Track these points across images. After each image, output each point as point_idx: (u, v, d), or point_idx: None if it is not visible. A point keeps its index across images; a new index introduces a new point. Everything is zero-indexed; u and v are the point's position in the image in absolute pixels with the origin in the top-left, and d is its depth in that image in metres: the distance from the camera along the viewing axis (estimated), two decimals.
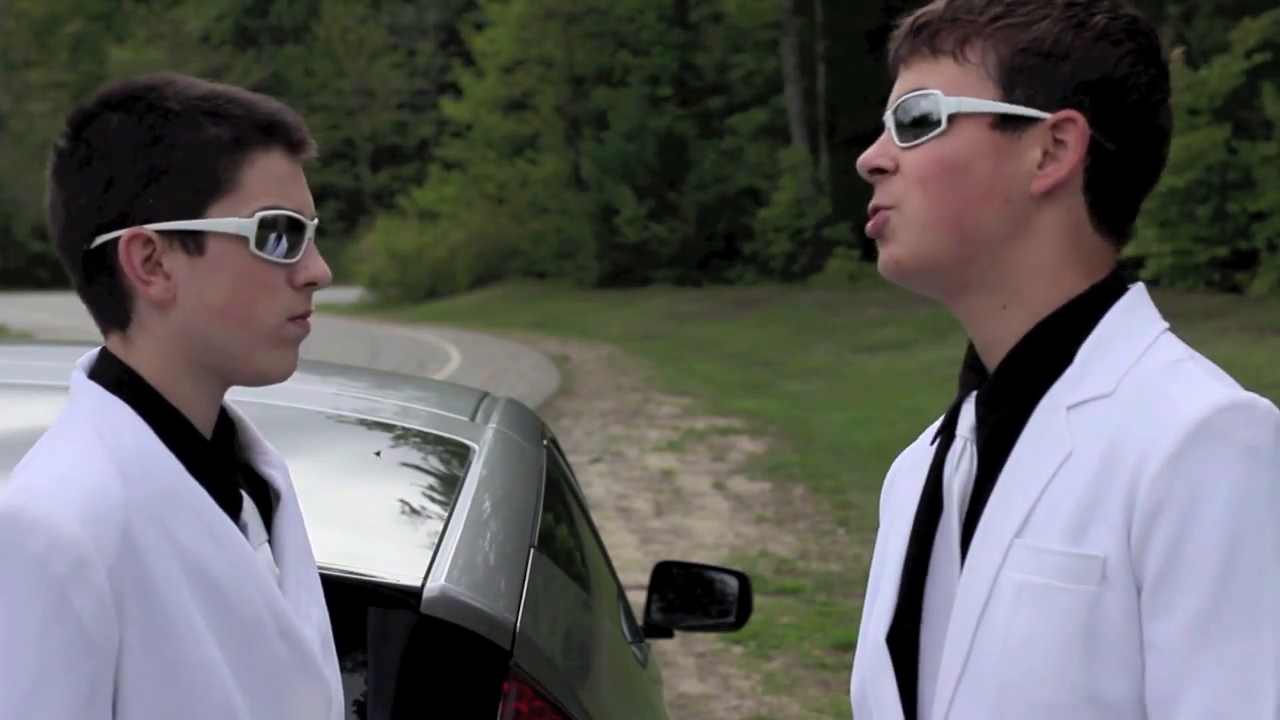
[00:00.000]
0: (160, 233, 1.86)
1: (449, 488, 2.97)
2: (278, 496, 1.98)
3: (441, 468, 3.18)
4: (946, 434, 1.84)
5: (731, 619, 4.00)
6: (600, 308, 35.51)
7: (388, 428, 3.36)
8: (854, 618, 8.88)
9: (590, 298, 37.83)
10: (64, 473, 1.81)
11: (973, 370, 1.84)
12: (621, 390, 21.05)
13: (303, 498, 2.14)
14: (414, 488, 3.12)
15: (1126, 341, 1.75)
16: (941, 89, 1.78)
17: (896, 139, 1.81)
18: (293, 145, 1.91)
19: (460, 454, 3.16)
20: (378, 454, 3.14)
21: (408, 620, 2.40)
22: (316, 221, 1.93)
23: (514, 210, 44.26)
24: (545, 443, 3.65)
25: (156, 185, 1.86)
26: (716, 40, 40.05)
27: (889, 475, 1.97)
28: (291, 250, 1.89)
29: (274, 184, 1.89)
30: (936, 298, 1.84)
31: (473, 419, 3.48)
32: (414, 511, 2.94)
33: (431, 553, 2.58)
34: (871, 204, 1.82)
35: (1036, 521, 1.71)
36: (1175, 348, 1.76)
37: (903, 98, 1.81)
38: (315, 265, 1.92)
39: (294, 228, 1.89)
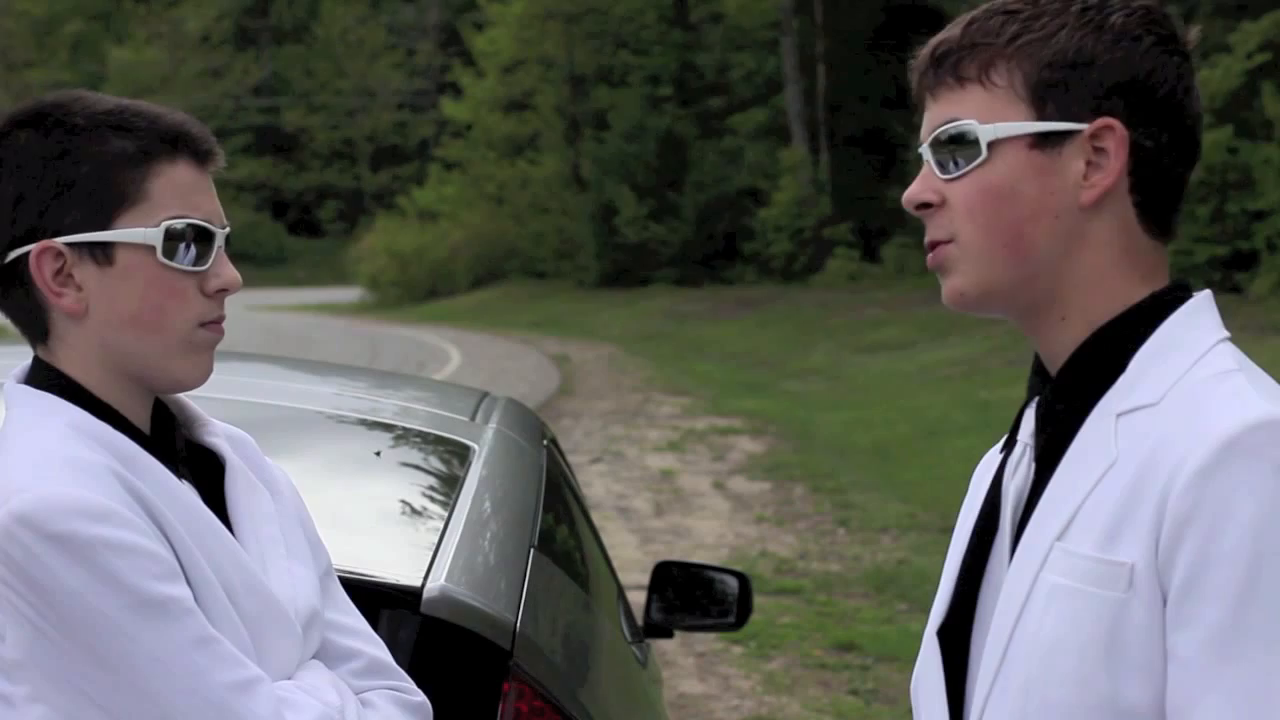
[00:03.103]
0: (70, 245, 1.92)
1: (449, 488, 2.98)
2: (224, 462, 2.04)
3: (441, 468, 3.18)
4: (1011, 438, 1.86)
5: (731, 619, 4.00)
6: (600, 308, 35.48)
7: (388, 428, 3.36)
8: (854, 618, 8.89)
9: (590, 298, 37.81)
10: (35, 460, 1.86)
11: (1038, 375, 1.85)
12: (621, 390, 21.05)
13: (303, 497, 2.15)
14: (414, 488, 3.12)
15: (1180, 351, 1.75)
16: (975, 117, 1.78)
17: (938, 172, 1.80)
18: (199, 156, 1.97)
19: (460, 454, 3.17)
20: (378, 454, 3.14)
21: (408, 620, 2.41)
22: (228, 229, 1.98)
23: (514, 210, 44.22)
24: (545, 443, 3.65)
25: (64, 198, 1.92)
26: (716, 40, 40.01)
27: (976, 471, 1.98)
28: (201, 258, 1.94)
29: (180, 194, 1.94)
30: (1001, 318, 1.86)
31: (473, 419, 3.48)
32: (414, 511, 2.95)
33: (431, 553, 2.58)
34: (927, 239, 1.83)
35: (1077, 526, 1.72)
36: (1228, 359, 1.75)
37: (937, 130, 1.80)
38: (226, 272, 1.97)
39: (203, 236, 1.94)
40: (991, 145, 1.77)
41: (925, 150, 1.82)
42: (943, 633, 1.85)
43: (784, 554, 10.58)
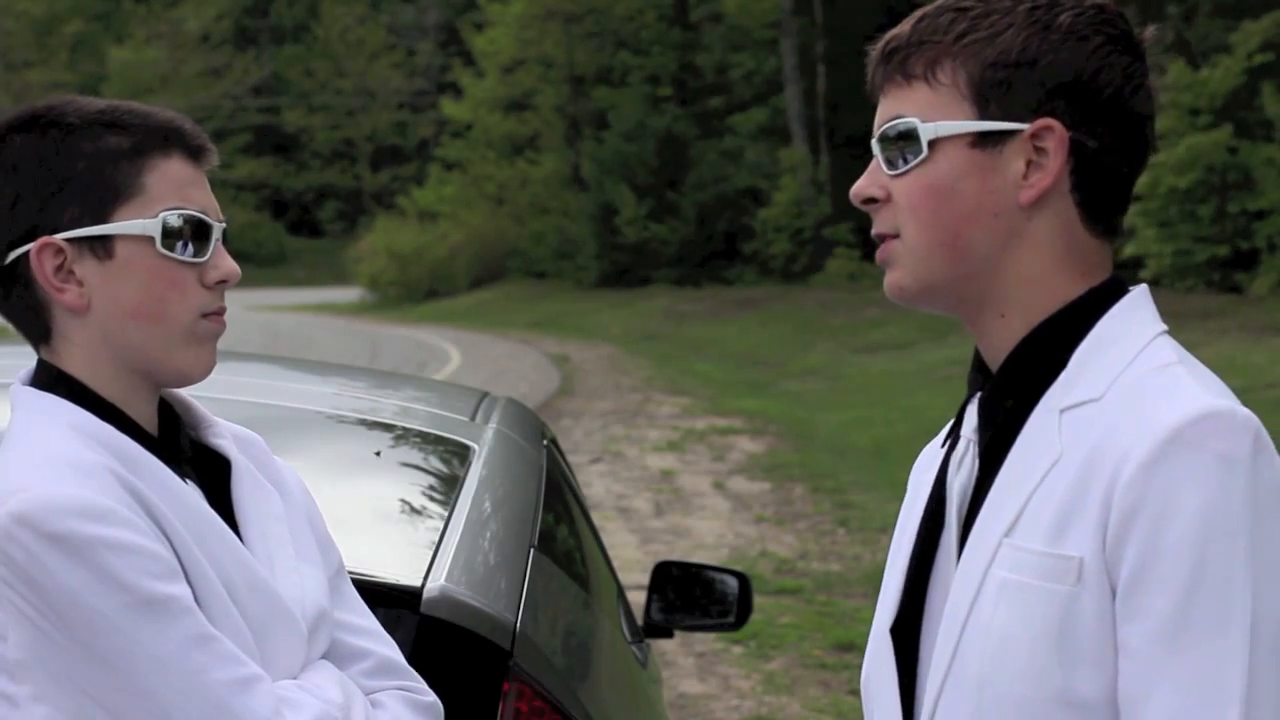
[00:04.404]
0: (69, 241, 1.94)
1: (449, 488, 2.98)
2: (229, 464, 2.05)
3: (441, 468, 3.18)
4: (953, 435, 1.87)
5: (731, 619, 4.00)
6: (600, 308, 35.49)
7: (388, 428, 3.36)
8: (854, 618, 8.88)
9: (590, 298, 37.81)
10: (34, 460, 1.87)
11: (978, 372, 1.86)
12: (621, 390, 21.05)
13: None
14: (414, 488, 3.12)
15: (1120, 345, 1.77)
16: (918, 115, 1.79)
17: (885, 168, 1.82)
18: (193, 152, 1.99)
19: (460, 454, 3.16)
20: (378, 454, 3.14)
21: (408, 620, 2.41)
22: (224, 224, 2.00)
23: (514, 210, 44.24)
24: (545, 443, 3.65)
25: (61, 196, 1.94)
26: (716, 40, 40.02)
27: (914, 468, 2.00)
28: (199, 251, 1.96)
29: (175, 188, 1.96)
30: (942, 314, 1.86)
31: (473, 419, 3.47)
32: (414, 511, 2.95)
33: (431, 553, 2.58)
34: (875, 233, 1.85)
35: (1024, 522, 1.73)
36: (1167, 352, 1.77)
37: (884, 127, 1.82)
38: (225, 264, 1.98)
39: (200, 229, 1.96)
40: (932, 144, 1.79)
41: (875, 145, 1.83)
42: (894, 629, 1.86)
43: (784, 554, 10.58)
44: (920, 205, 1.79)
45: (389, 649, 2.09)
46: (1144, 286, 1.83)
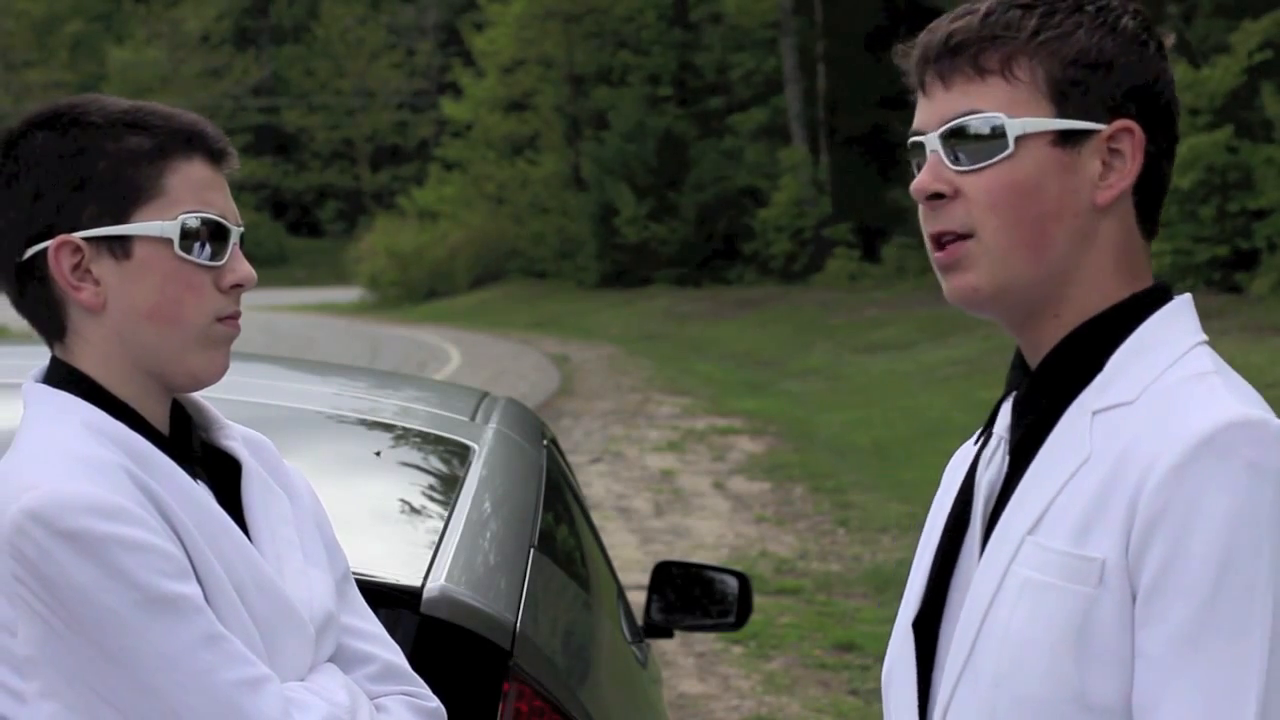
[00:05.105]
0: (88, 240, 1.94)
1: (449, 488, 2.98)
2: (239, 466, 2.05)
3: (441, 468, 3.18)
4: (987, 432, 1.87)
5: (731, 619, 4.00)
6: (600, 308, 35.48)
7: (388, 428, 3.36)
8: (854, 618, 8.89)
9: (590, 298, 37.81)
10: (48, 457, 1.88)
11: (1018, 370, 1.85)
12: (621, 390, 21.04)
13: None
14: (414, 488, 3.12)
15: (1158, 352, 1.77)
16: (1001, 110, 1.77)
17: (949, 162, 1.79)
18: (214, 155, 1.99)
19: (460, 454, 3.16)
20: (378, 454, 3.14)
21: (408, 620, 2.41)
22: (242, 228, 2.00)
23: (514, 210, 44.22)
24: (545, 443, 3.65)
25: (81, 194, 1.94)
26: (716, 40, 40.02)
27: (949, 465, 1.98)
28: (217, 254, 1.96)
29: (196, 190, 1.96)
30: (998, 320, 1.84)
31: (473, 419, 3.48)
32: (414, 511, 2.95)
33: (431, 553, 2.58)
34: (936, 230, 1.80)
35: (1049, 520, 1.73)
36: (1204, 360, 1.76)
37: (959, 120, 1.78)
38: (241, 268, 1.99)
39: (218, 232, 1.97)
40: (1018, 140, 1.77)
41: (933, 140, 1.80)
42: (916, 624, 1.85)
43: (784, 554, 10.58)
44: (1002, 203, 1.77)
45: (394, 654, 2.10)
46: (1188, 296, 1.83)
